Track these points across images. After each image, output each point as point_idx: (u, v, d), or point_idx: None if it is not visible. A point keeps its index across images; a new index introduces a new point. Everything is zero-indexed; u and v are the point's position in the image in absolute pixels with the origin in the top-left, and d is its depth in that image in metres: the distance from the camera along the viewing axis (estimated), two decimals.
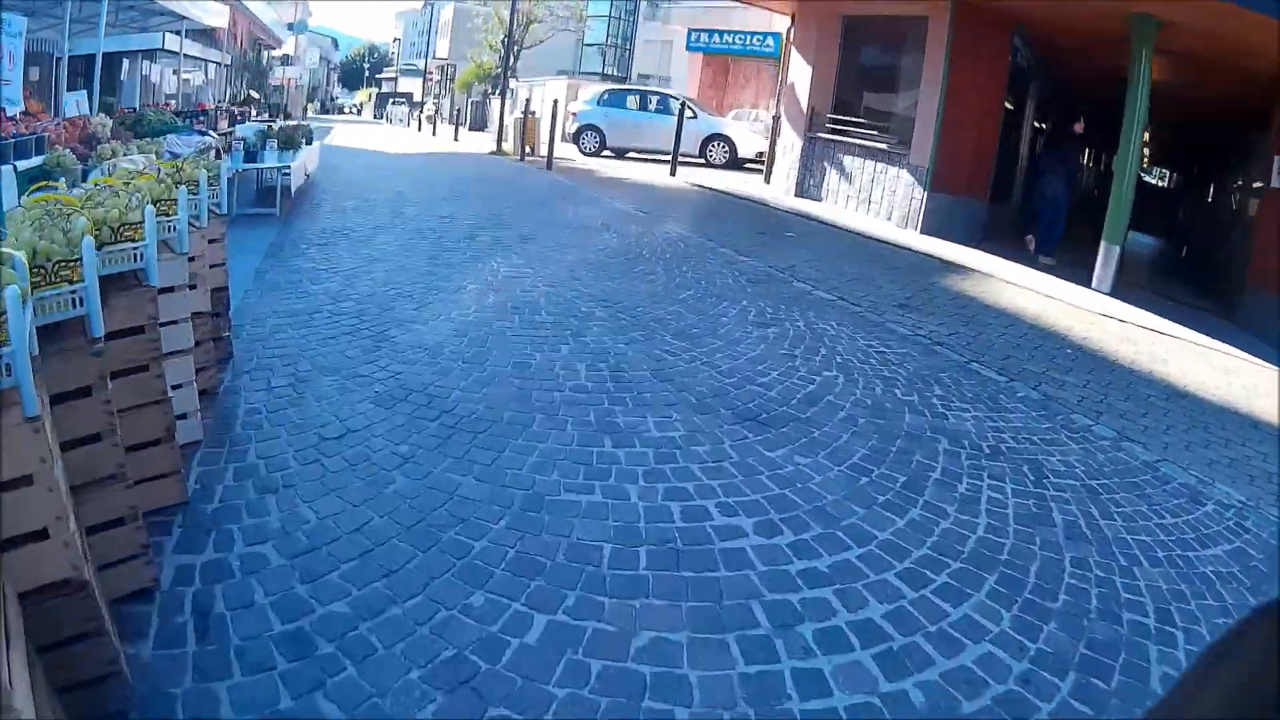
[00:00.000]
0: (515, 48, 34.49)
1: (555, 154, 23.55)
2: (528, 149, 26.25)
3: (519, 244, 12.09)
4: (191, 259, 5.24)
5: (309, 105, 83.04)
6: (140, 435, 4.18)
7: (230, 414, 5.86)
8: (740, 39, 32.53)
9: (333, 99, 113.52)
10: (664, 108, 28.31)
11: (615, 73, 53.45)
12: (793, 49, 20.66)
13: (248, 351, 7.04)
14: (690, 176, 21.82)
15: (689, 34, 33.08)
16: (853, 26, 18.84)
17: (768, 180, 21.71)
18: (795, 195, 19.47)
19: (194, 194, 5.70)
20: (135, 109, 14.46)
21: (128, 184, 5.04)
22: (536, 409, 6.31)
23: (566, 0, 49.05)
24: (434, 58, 73.44)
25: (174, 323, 4.85)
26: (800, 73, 20.01)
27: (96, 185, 5.14)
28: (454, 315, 8.44)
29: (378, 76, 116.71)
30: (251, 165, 13.88)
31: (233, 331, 7.09)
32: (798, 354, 8.08)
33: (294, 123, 18.01)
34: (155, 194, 5.01)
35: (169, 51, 21.66)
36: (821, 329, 8.99)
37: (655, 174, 22.68)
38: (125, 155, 8.26)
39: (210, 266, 6.17)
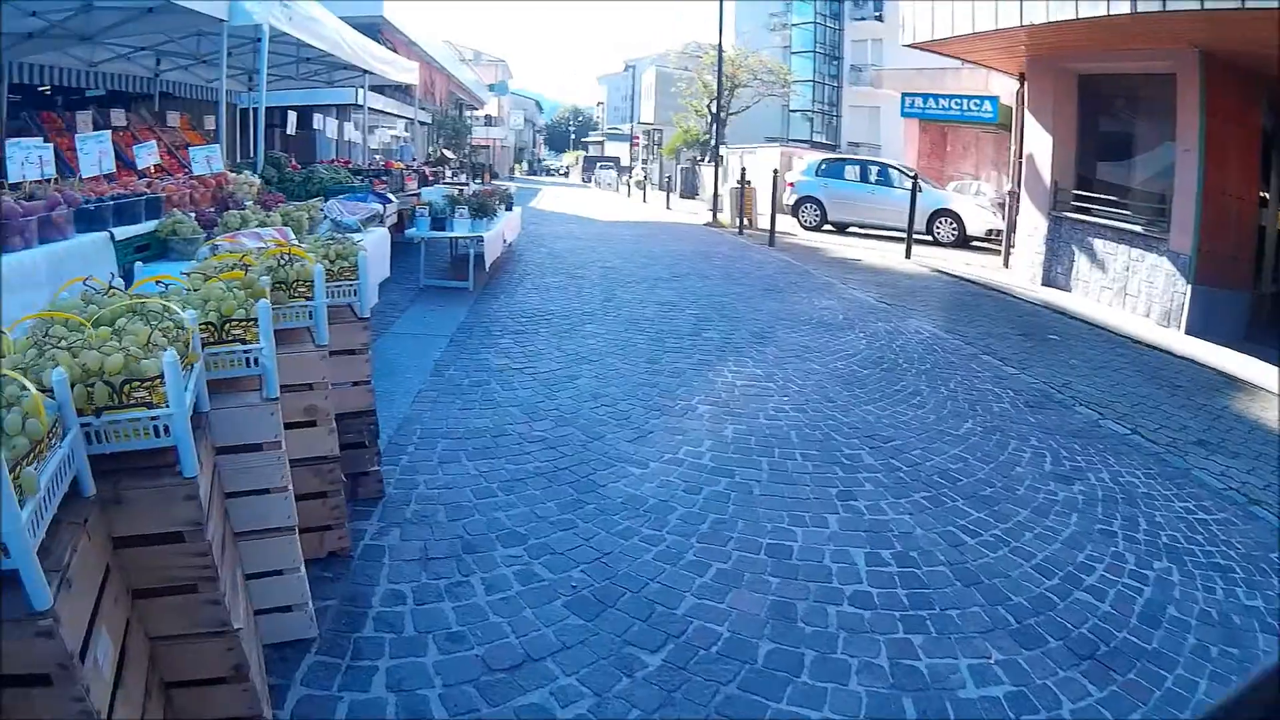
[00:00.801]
0: (723, 113, 32.90)
1: (774, 227, 21.86)
2: (746, 221, 24.49)
3: (754, 345, 10.22)
4: (309, 386, 4.36)
5: (517, 166, 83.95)
6: (187, 673, 3.07)
7: (361, 598, 4.41)
8: (957, 104, 29.62)
9: (540, 161, 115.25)
10: (885, 179, 26.07)
11: (824, 140, 51.42)
12: (1027, 114, 18.29)
13: (407, 488, 5.73)
14: (926, 259, 19.64)
15: (903, 99, 30.23)
16: (1089, 86, 16.29)
17: (1007, 264, 19.35)
18: (1042, 284, 17.03)
19: (302, 296, 4.44)
20: (306, 165, 13.04)
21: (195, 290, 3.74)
22: (805, 639, 4.24)
23: (769, 64, 47.61)
24: (639, 122, 72.90)
25: (262, 492, 3.67)
26: (1038, 142, 17.64)
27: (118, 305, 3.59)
28: (682, 454, 6.51)
29: (583, 140, 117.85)
30: (440, 234, 12.42)
31: (380, 453, 5.70)
32: (1116, 529, 5.89)
33: (490, 187, 16.51)
34: (226, 308, 3.63)
35: (373, 110, 20.77)
36: (1129, 483, 6.78)
37: (887, 255, 20.55)
38: (253, 226, 6.66)
39: (353, 384, 5.27)
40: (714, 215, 27.18)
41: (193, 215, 7.00)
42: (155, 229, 6.62)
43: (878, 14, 49.12)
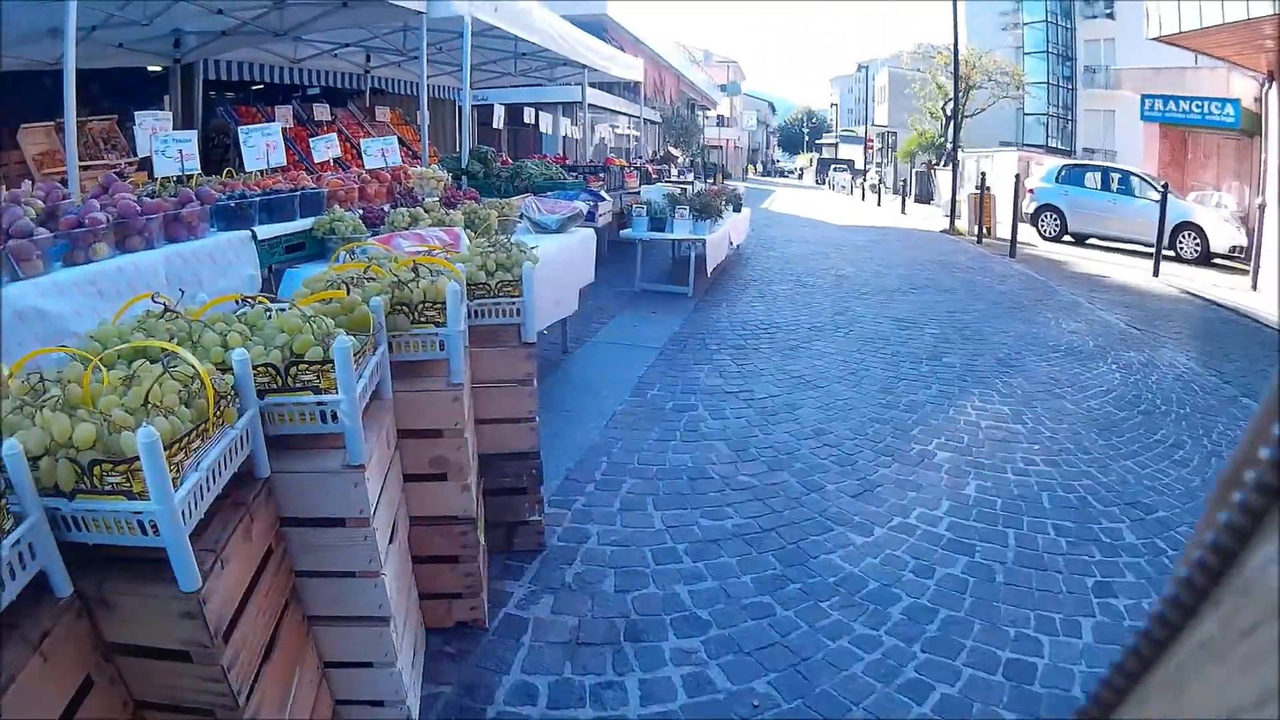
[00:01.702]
0: (958, 116, 31.04)
1: (1007, 236, 20.26)
2: (984, 229, 22.76)
3: (998, 374, 8.59)
4: (437, 433, 3.54)
5: (750, 167, 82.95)
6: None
7: (482, 690, 3.54)
8: (1198, 107, 26.45)
9: (774, 162, 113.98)
10: (1126, 187, 22.86)
11: (1059, 145, 47.70)
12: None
13: (574, 540, 4.79)
14: (1173, 277, 17.08)
15: (1143, 101, 27.22)
16: None
17: (1255, 285, 16.64)
18: None
19: (430, 321, 3.51)
20: (516, 160, 12.25)
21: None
22: None
23: (1003, 65, 45.09)
24: (872, 124, 70.44)
25: (345, 575, 2.92)
26: None
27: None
28: (915, 517, 5.21)
29: (817, 142, 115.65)
30: (658, 235, 11.41)
31: (543, 500, 4.71)
32: None
33: (716, 186, 15.38)
34: (300, 343, 2.77)
35: (596, 107, 20.07)
36: None
37: (1132, 272, 17.88)
38: (425, 225, 5.84)
39: (513, 422, 4.29)
40: (951, 222, 25.25)
41: (359, 212, 6.21)
42: (311, 227, 5.91)
43: (1109, 11, 45.30)
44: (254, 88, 14.31)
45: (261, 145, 6.76)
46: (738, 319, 10.34)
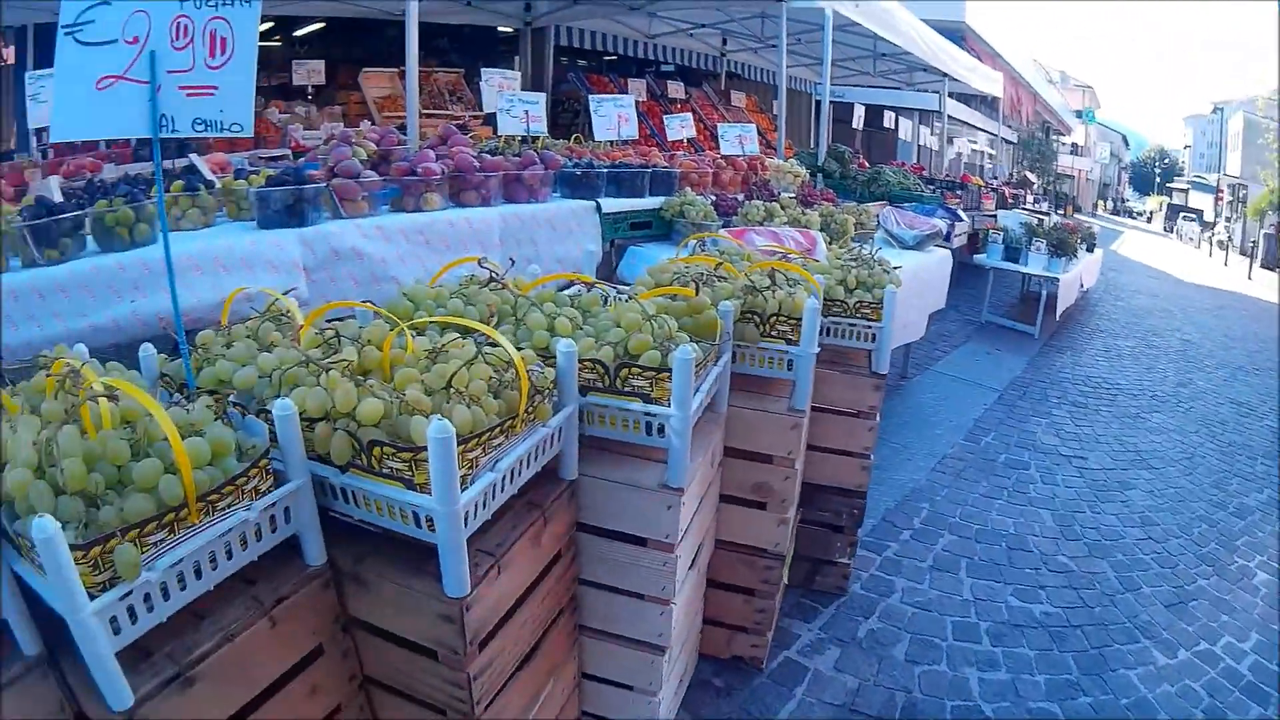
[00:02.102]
0: None
1: None
2: None
3: None
4: (767, 459, 3.14)
5: (1100, 203, 78.31)
6: None
7: None
8: None
9: (1123, 200, 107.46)
10: None
11: None
12: None
13: (877, 591, 4.36)
14: None
15: None
16: None
17: None
18: None
19: (781, 337, 3.07)
20: (872, 164, 11.59)
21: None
22: None
23: None
24: (1224, 174, 64.37)
25: (634, 595, 2.65)
26: None
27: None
28: (1221, 645, 4.38)
29: (1168, 185, 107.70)
30: (1010, 266, 10.57)
31: (857, 541, 4.27)
32: None
33: (1073, 222, 14.27)
34: (636, 343, 2.44)
35: (953, 119, 19.12)
36: None
37: None
38: (779, 222, 5.41)
39: (846, 455, 3.80)
40: None
41: (711, 198, 5.86)
42: (660, 207, 5.61)
43: None
44: (606, 58, 14.28)
45: (613, 116, 6.55)
46: (1081, 372, 9.43)
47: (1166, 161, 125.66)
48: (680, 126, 7.76)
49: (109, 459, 1.69)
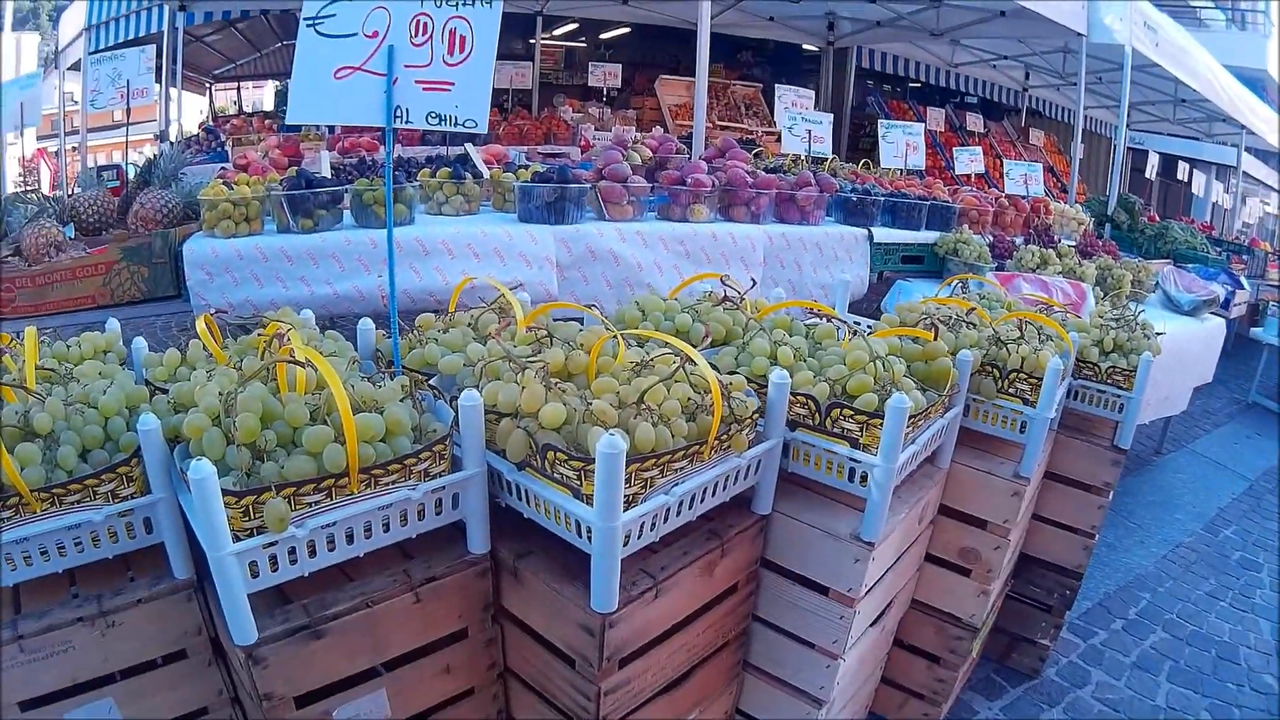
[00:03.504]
0: None
1: None
2: None
3: None
4: (980, 524, 2.82)
5: None
6: None
7: None
8: None
9: None
10: None
11: None
12: None
13: (1071, 681, 3.87)
14: None
15: None
16: None
17: None
18: None
19: (1019, 396, 2.71)
20: (1163, 218, 10.62)
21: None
22: None
23: None
24: None
25: (804, 644, 2.38)
26: None
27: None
28: None
29: None
30: None
31: (1062, 625, 3.94)
32: None
33: None
34: (855, 384, 2.20)
35: (1249, 177, 17.59)
36: None
37: None
38: (1052, 271, 4.94)
39: (1074, 532, 3.38)
40: None
41: (988, 239, 5.44)
42: (934, 242, 5.23)
43: None
44: (911, 85, 13.90)
45: (901, 143, 6.20)
46: None
47: None
48: (970, 160, 7.26)
49: (288, 420, 1.74)
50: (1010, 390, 2.61)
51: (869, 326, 2.69)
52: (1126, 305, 3.88)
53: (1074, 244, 6.18)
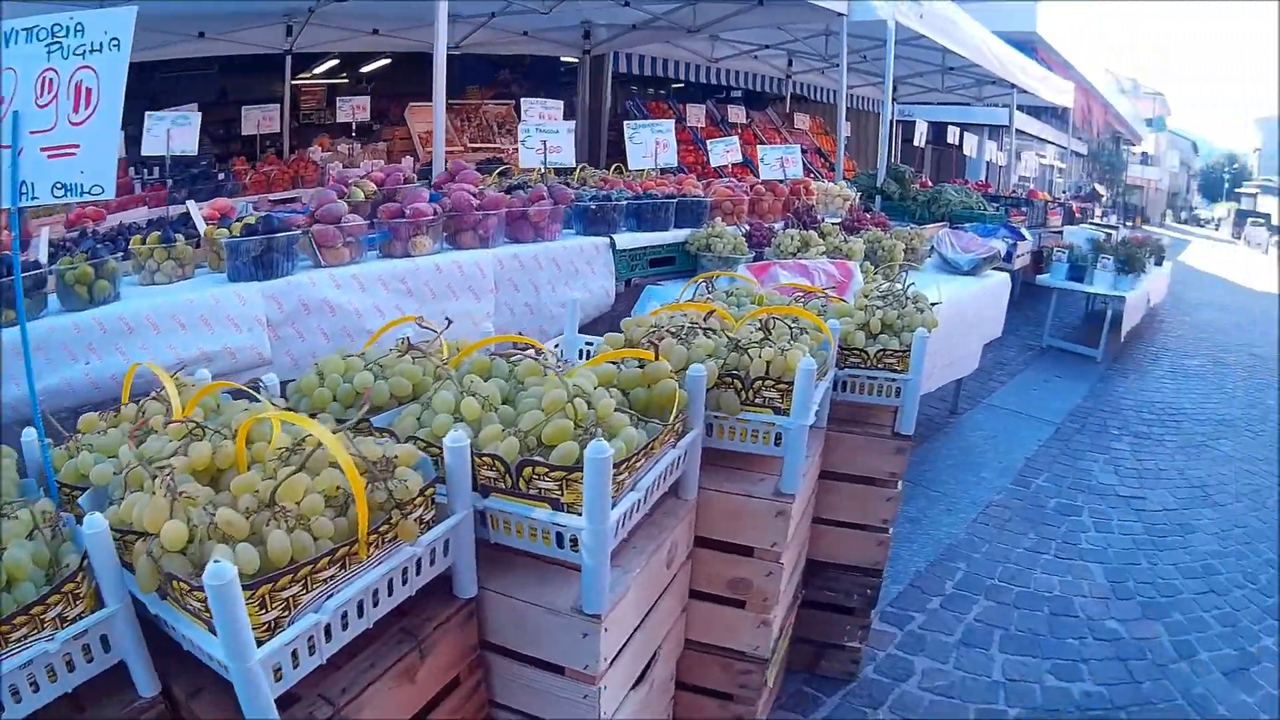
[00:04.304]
0: None
1: None
2: None
3: None
4: (747, 551, 2.44)
5: (1167, 213, 75.98)
6: None
7: None
8: None
9: (1191, 209, 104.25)
10: None
11: None
12: None
13: (892, 676, 3.61)
14: None
15: None
16: None
17: None
18: None
19: (769, 405, 2.34)
20: (936, 183, 10.72)
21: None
22: None
23: None
24: None
25: None
26: None
27: None
28: None
29: (1237, 190, 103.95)
30: (1075, 285, 9.66)
31: (869, 626, 3.61)
32: None
33: (1141, 234, 13.30)
34: (551, 432, 1.82)
35: (1022, 133, 18.22)
36: None
37: None
38: (814, 253, 4.73)
39: (865, 530, 3.09)
40: None
41: (744, 229, 5.17)
42: (685, 241, 4.94)
43: None
44: (674, 85, 13.80)
45: (650, 142, 5.89)
46: (1144, 398, 8.49)
47: (1236, 166, 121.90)
48: (726, 151, 6.96)
49: None
50: (758, 400, 2.25)
51: (593, 350, 2.30)
52: (899, 277, 3.58)
53: (839, 221, 5.98)
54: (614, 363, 2.12)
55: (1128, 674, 3.77)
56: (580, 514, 1.67)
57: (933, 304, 3.19)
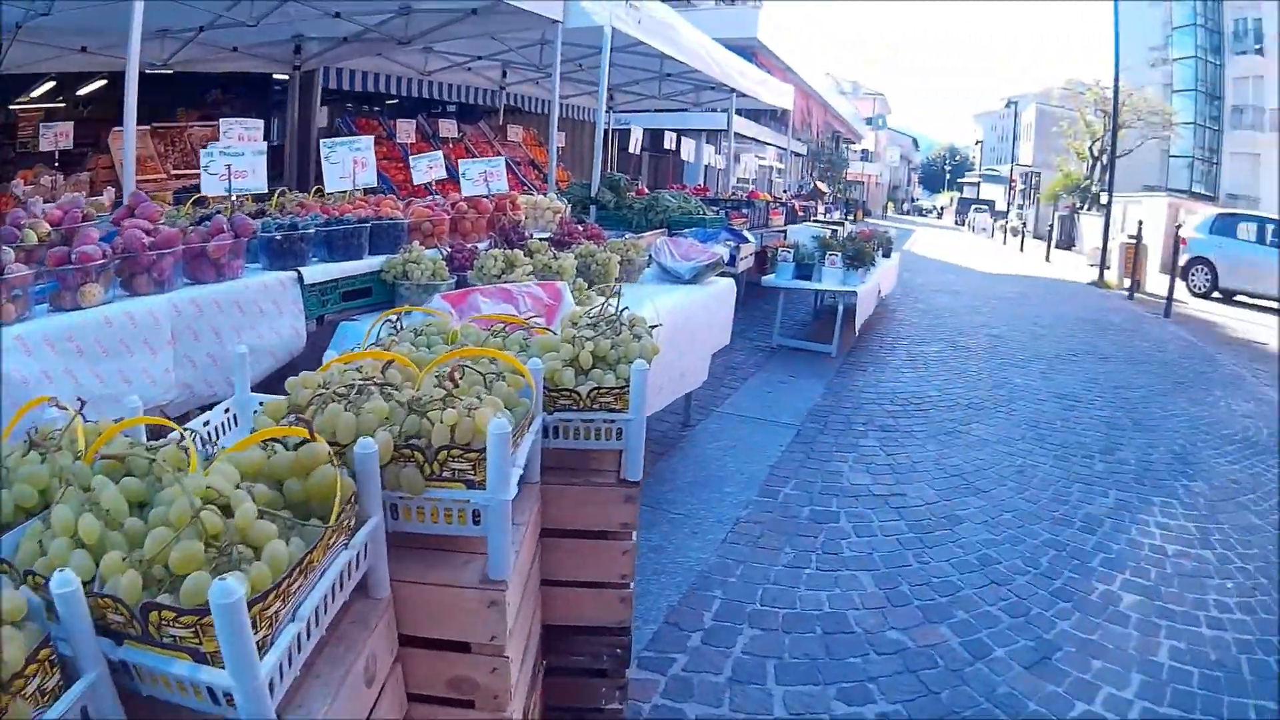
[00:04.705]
0: (1104, 156, 28.96)
1: (1157, 290, 19.17)
2: (1138, 282, 20.41)
3: (1178, 477, 6.75)
4: (463, 648, 2.14)
5: (890, 204, 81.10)
6: None
7: None
8: None
9: (913, 200, 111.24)
10: None
11: (1201, 190, 43.86)
12: None
13: None
14: None
15: None
16: None
17: None
18: None
19: (460, 479, 2.03)
20: (654, 190, 10.82)
21: None
22: None
23: (1153, 103, 42.47)
24: (1017, 164, 66.84)
25: None
26: None
27: None
28: (1100, 701, 3.72)
29: (959, 180, 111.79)
30: (805, 284, 9.92)
31: (626, 684, 3.34)
32: None
33: (869, 228, 13.91)
34: (179, 559, 1.42)
35: (741, 137, 18.84)
36: None
37: None
38: (519, 273, 4.50)
39: (601, 588, 2.84)
40: (1100, 274, 22.87)
41: (445, 251, 4.91)
42: (380, 269, 4.60)
43: (1258, 47, 42.06)
44: (388, 100, 13.62)
45: (348, 162, 5.53)
46: (886, 388, 8.77)
47: (957, 158, 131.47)
48: (429, 166, 6.58)
49: None
50: (445, 474, 1.96)
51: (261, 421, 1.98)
52: (614, 296, 3.36)
53: (550, 237, 5.83)
54: (266, 443, 1.80)
55: (922, 686, 3.72)
56: (223, 666, 1.35)
57: (652, 327, 3.02)
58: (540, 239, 5.28)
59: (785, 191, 21.21)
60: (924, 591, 4.54)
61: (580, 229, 6.19)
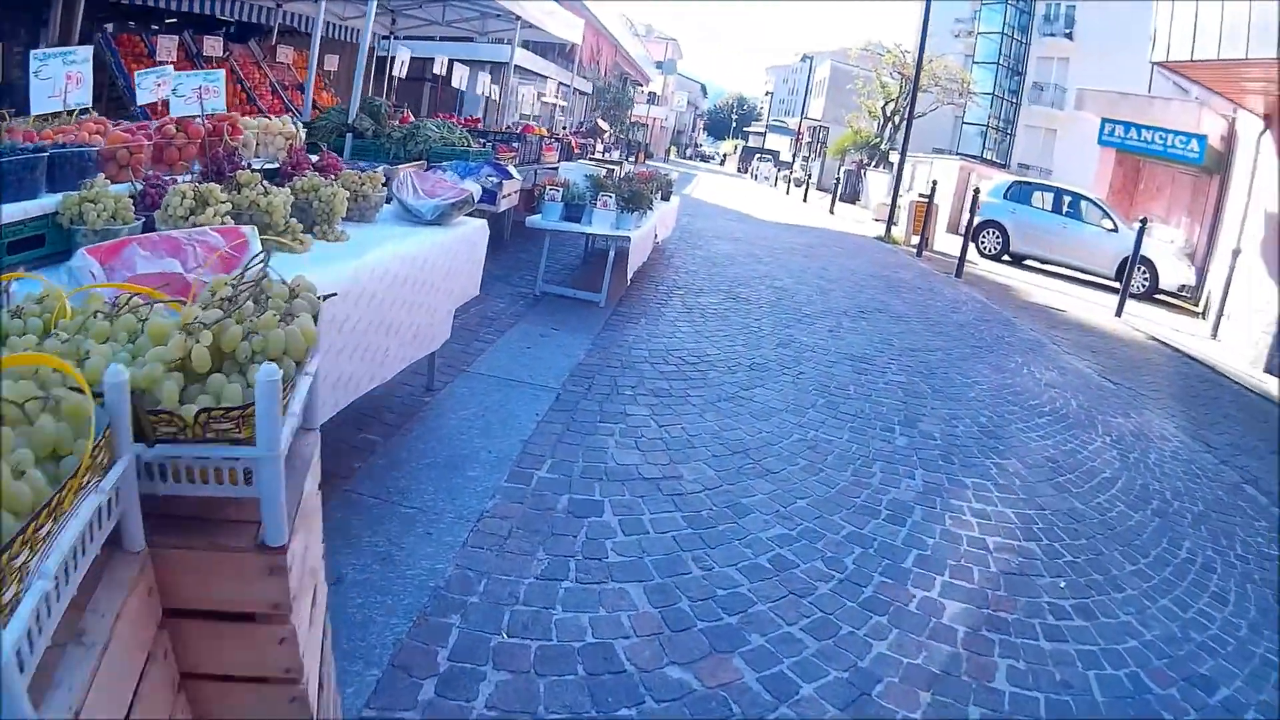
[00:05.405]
0: (901, 117, 29.84)
1: (946, 250, 20.52)
2: (927, 240, 21.40)
3: (989, 453, 6.62)
4: None
5: (673, 149, 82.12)
6: None
7: None
8: (1161, 138, 24.91)
9: (697, 146, 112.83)
10: (1075, 212, 22.28)
11: (994, 158, 46.44)
12: (1274, 161, 15.65)
13: None
14: (1136, 319, 15.97)
15: (1102, 125, 25.59)
16: None
17: (1215, 334, 15.84)
18: (1265, 370, 12.95)
19: None
20: (416, 121, 9.91)
21: None
22: None
23: (953, 70, 44.84)
24: (806, 117, 68.60)
25: None
26: None
27: None
28: None
29: (745, 129, 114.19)
30: (571, 227, 9.10)
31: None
32: None
33: (649, 170, 13.42)
34: None
35: (525, 70, 18.28)
36: None
37: (1091, 307, 16.82)
38: (212, 213, 3.53)
39: (261, 683, 1.88)
40: (887, 230, 23.66)
41: (139, 186, 3.87)
42: (56, 210, 3.46)
43: (1068, 31, 44.71)
44: (168, 20, 12.27)
45: (60, 78, 4.39)
46: (660, 345, 8.09)
47: (745, 108, 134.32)
48: (156, 84, 5.27)
49: None
50: None
51: None
52: (259, 257, 2.39)
53: (273, 165, 4.89)
54: None
55: None
56: None
57: (325, 297, 2.12)
58: (254, 170, 4.26)
59: (565, 129, 20.51)
60: (709, 609, 3.86)
61: (313, 159, 5.20)
